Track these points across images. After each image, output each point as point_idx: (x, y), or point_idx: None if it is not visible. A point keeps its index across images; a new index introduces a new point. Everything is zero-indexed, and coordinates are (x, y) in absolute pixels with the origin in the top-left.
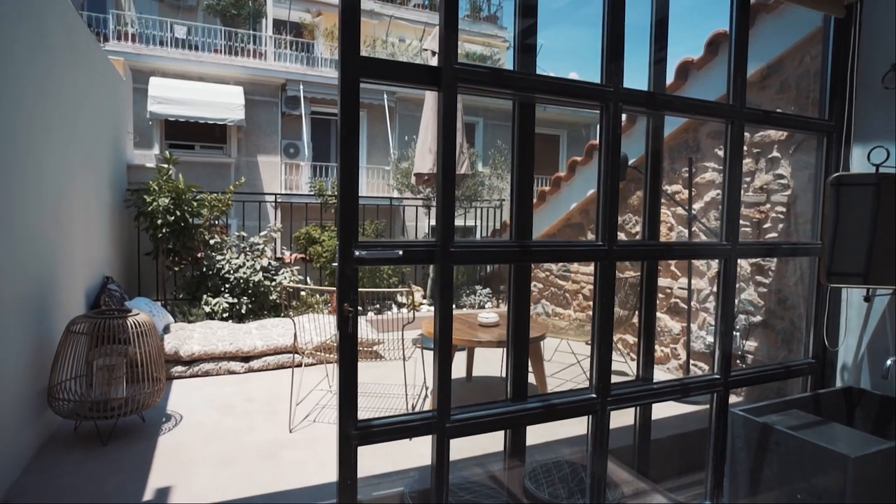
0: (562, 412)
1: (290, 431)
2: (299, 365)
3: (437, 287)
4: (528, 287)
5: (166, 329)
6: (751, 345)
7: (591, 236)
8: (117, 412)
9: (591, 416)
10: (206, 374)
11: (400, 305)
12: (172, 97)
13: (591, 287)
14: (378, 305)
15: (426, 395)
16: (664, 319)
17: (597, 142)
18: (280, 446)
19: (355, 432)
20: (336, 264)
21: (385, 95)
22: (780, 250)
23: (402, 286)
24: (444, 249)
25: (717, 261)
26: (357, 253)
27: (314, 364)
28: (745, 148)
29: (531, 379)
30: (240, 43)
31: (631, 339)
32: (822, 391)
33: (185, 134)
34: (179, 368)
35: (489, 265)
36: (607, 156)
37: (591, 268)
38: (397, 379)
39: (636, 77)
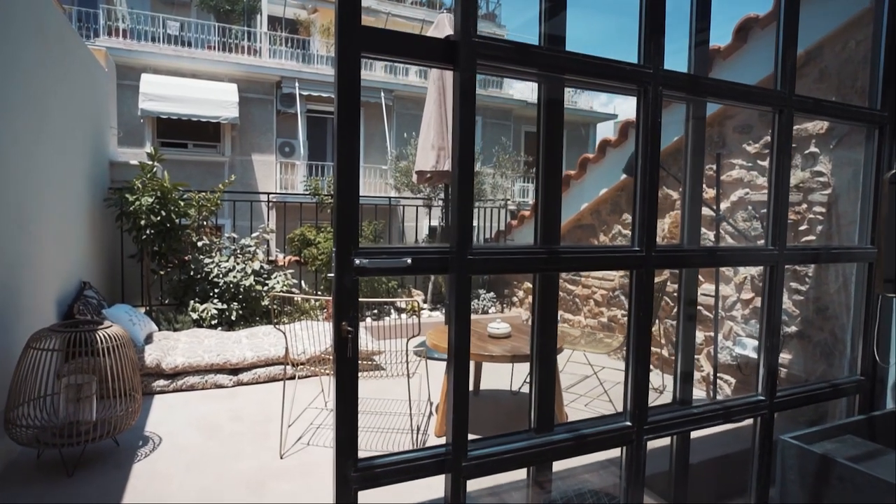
0: (593, 444)
1: (282, 457)
2: (292, 377)
3: (452, 301)
4: (555, 300)
5: (149, 338)
6: (784, 357)
7: (602, 238)
8: (85, 437)
9: (625, 447)
10: (191, 388)
11: (400, 311)
12: (164, 94)
13: (603, 292)
14: (376, 311)
15: (430, 413)
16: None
17: (610, 137)
18: (270, 475)
19: (355, 474)
20: (332, 275)
21: (382, 94)
22: (832, 255)
23: (402, 290)
24: (460, 257)
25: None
26: (357, 262)
27: (308, 376)
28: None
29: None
30: (234, 39)
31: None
32: (876, 413)
33: (177, 132)
34: (161, 382)
35: None
36: (646, 148)
37: (602, 272)
38: (398, 393)
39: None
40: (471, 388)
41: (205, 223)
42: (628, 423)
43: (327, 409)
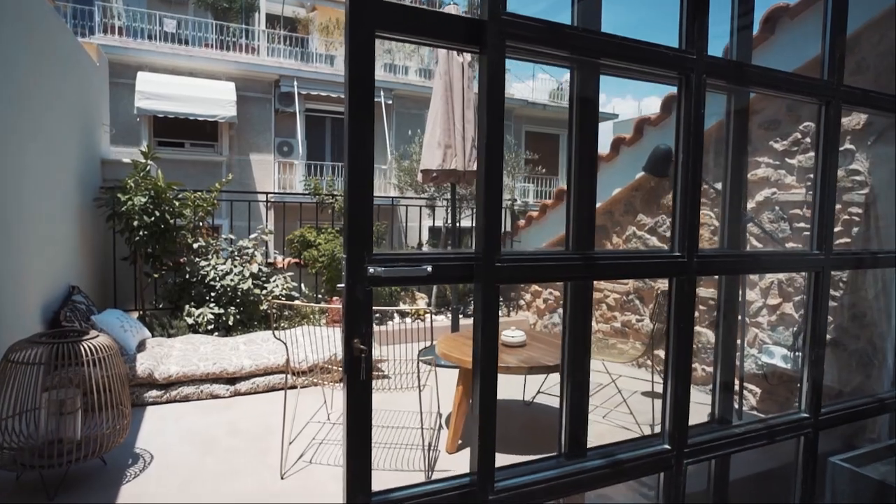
0: (630, 470)
1: (283, 477)
2: (293, 387)
3: (479, 315)
4: (589, 309)
5: (141, 345)
6: None
7: (616, 240)
8: (68, 458)
9: (663, 473)
10: (186, 398)
11: (403, 315)
12: (161, 93)
13: (616, 296)
14: (378, 315)
15: (440, 426)
16: (706, 334)
17: (624, 135)
18: (271, 497)
19: None
20: (342, 285)
21: (382, 93)
22: (881, 260)
23: (405, 294)
24: (488, 264)
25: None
26: (371, 270)
27: (310, 385)
28: (808, 139)
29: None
30: (232, 37)
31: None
32: None
33: (174, 131)
34: (154, 393)
35: None
36: (688, 143)
37: None
38: (405, 404)
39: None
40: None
41: (201, 224)
42: (667, 447)
43: (330, 422)
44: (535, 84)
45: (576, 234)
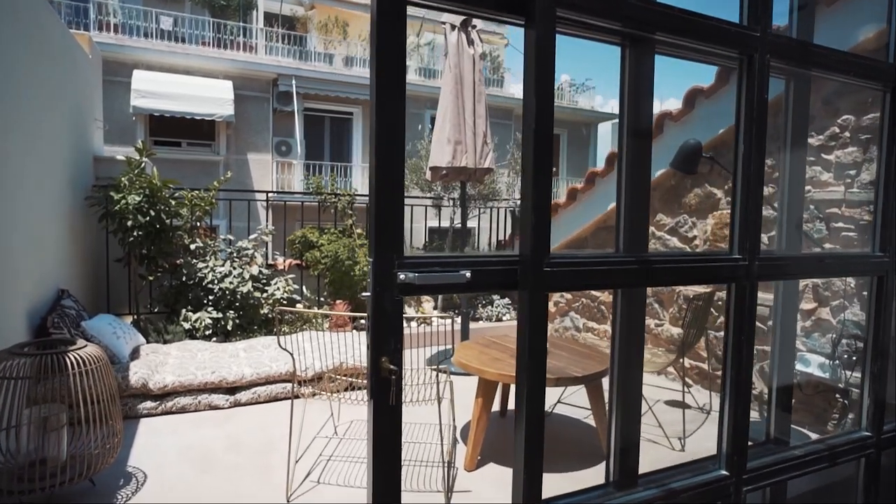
0: (686, 501)
1: (288, 500)
2: (297, 396)
3: (525, 330)
4: (643, 321)
5: (135, 353)
6: (858, 376)
7: None
8: (51, 481)
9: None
10: (183, 409)
11: (409, 318)
12: (157, 91)
13: None
14: None
15: (455, 439)
16: None
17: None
18: None
19: None
20: (367, 294)
21: None
22: None
23: (410, 297)
24: (535, 268)
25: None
26: (402, 276)
27: (314, 395)
28: (847, 133)
29: (587, 418)
30: (229, 35)
31: (700, 363)
32: None
33: (171, 130)
34: (149, 404)
35: None
36: (749, 133)
37: None
38: (419, 416)
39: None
40: (496, 407)
41: (198, 224)
42: (725, 473)
43: (337, 436)
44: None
45: (628, 235)
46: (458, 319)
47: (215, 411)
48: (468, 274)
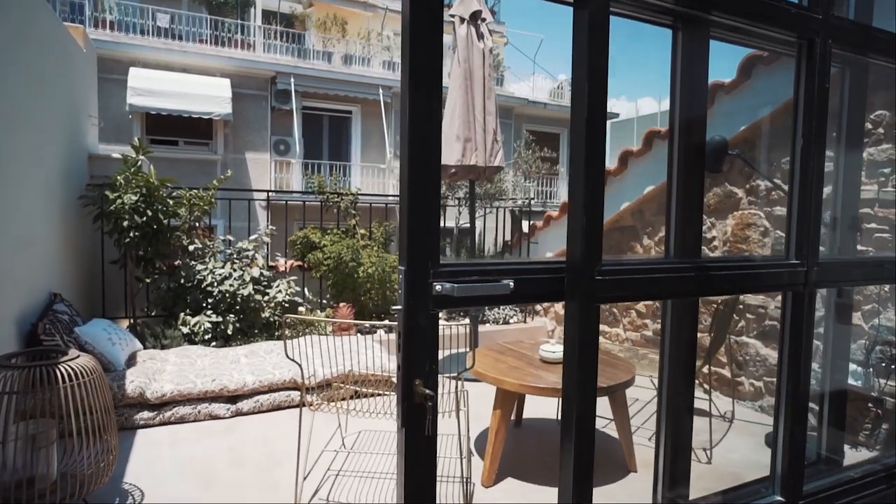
0: None
1: None
2: (301, 405)
3: (573, 346)
4: (695, 332)
5: (131, 359)
6: (892, 384)
7: (646, 241)
8: (40, 502)
9: None
10: (182, 420)
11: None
12: (154, 89)
13: (647, 302)
14: (387, 320)
15: (469, 451)
16: (755, 346)
17: (658, 128)
18: None
19: None
20: (397, 307)
21: (381, 91)
22: None
23: None
24: (585, 277)
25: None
26: (438, 287)
27: (320, 404)
28: (881, 130)
29: (609, 429)
30: (227, 33)
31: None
32: None
33: (167, 129)
34: (146, 415)
35: None
36: (809, 125)
37: None
38: None
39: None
40: (511, 418)
41: (197, 224)
42: (780, 498)
43: (345, 449)
44: (535, 82)
45: (680, 238)
46: (464, 320)
47: (216, 421)
48: (511, 283)
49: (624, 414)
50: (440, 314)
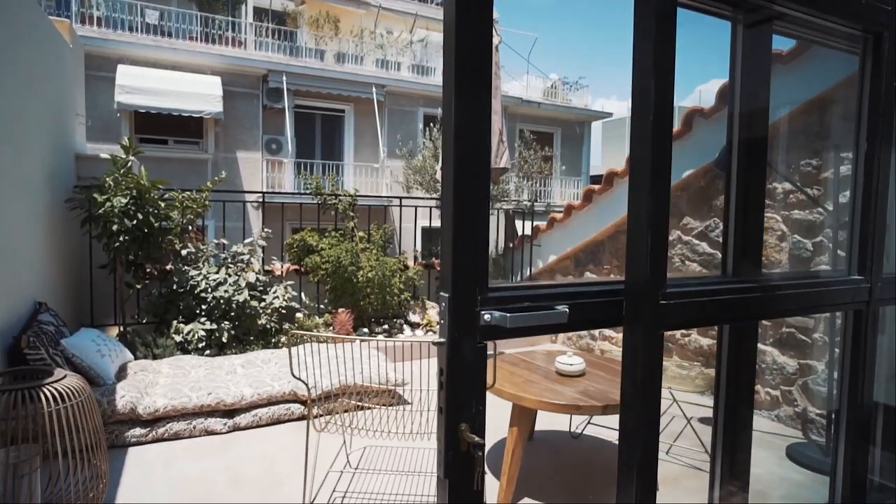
0: None
1: None
2: (301, 418)
3: (636, 373)
4: (753, 361)
5: (122, 371)
6: None
7: None
8: None
9: None
10: (176, 436)
11: (414, 326)
12: (143, 87)
13: None
14: (386, 326)
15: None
16: (771, 353)
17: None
18: None
19: None
20: (441, 339)
21: (374, 89)
22: None
23: (414, 302)
24: (650, 301)
25: None
26: (487, 316)
27: (325, 423)
28: None
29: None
30: (217, 30)
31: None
32: None
33: (157, 127)
34: (138, 431)
35: (512, 269)
36: (875, 128)
37: None
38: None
39: None
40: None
41: (190, 228)
42: None
43: (351, 467)
44: (529, 81)
45: (739, 253)
46: None
47: (212, 437)
48: (566, 308)
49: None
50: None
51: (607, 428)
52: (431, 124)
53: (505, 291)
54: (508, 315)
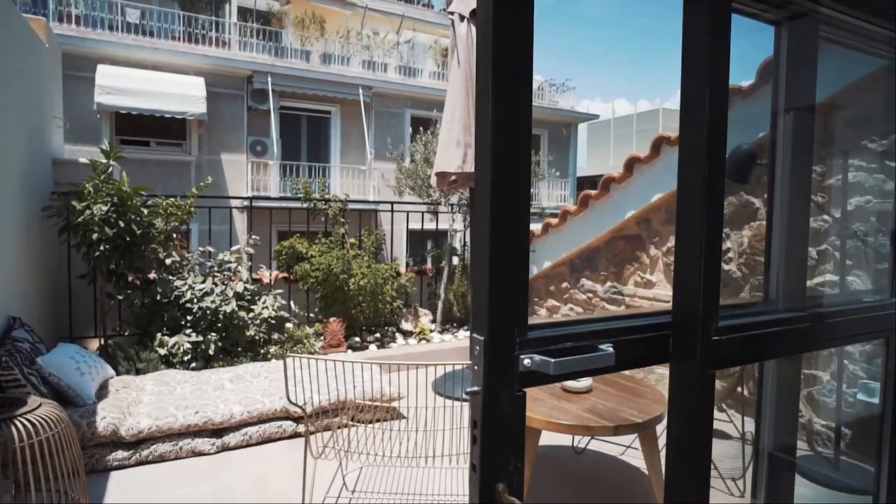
0: None
1: None
2: (294, 435)
3: (685, 415)
4: (798, 391)
5: (103, 388)
6: None
7: (654, 251)
8: None
9: None
10: (161, 458)
11: (406, 334)
12: (124, 87)
13: None
14: (378, 334)
15: None
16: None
17: (668, 134)
18: None
19: None
20: (472, 389)
21: (360, 90)
22: None
23: (406, 309)
24: (702, 336)
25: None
26: (527, 361)
27: (315, 432)
28: None
29: (623, 455)
30: (201, 30)
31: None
32: None
33: (138, 129)
34: (120, 454)
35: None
36: None
37: (653, 291)
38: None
39: None
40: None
41: (175, 235)
42: None
43: (348, 490)
44: None
45: (786, 275)
46: (459, 333)
47: (200, 458)
48: (610, 349)
49: (654, 449)
50: (433, 323)
51: (610, 443)
52: (422, 128)
53: (545, 330)
54: (553, 361)
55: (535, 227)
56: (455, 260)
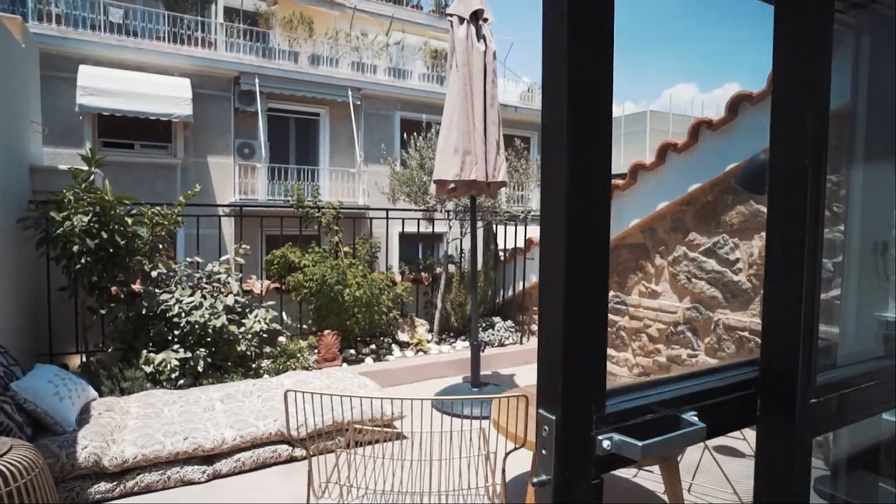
0: None
1: None
2: (289, 460)
3: (774, 486)
4: None
5: (84, 412)
6: None
7: (659, 260)
8: None
9: None
10: (148, 489)
11: (403, 345)
12: (107, 88)
13: (661, 326)
14: (374, 346)
15: None
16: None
17: (673, 140)
18: None
19: None
20: (541, 478)
21: (350, 92)
22: None
23: (403, 319)
24: (801, 397)
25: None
26: (607, 443)
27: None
28: None
29: (640, 479)
30: (186, 30)
31: None
32: None
33: (122, 131)
34: (103, 487)
35: (503, 284)
36: None
37: (658, 301)
38: (432, 479)
39: None
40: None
41: (161, 246)
42: None
43: None
44: (521, 89)
45: (858, 308)
46: (456, 344)
47: (190, 488)
48: (696, 418)
49: (676, 479)
50: (429, 333)
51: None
52: (416, 133)
53: (623, 399)
54: (640, 444)
55: (533, 234)
56: (451, 268)
